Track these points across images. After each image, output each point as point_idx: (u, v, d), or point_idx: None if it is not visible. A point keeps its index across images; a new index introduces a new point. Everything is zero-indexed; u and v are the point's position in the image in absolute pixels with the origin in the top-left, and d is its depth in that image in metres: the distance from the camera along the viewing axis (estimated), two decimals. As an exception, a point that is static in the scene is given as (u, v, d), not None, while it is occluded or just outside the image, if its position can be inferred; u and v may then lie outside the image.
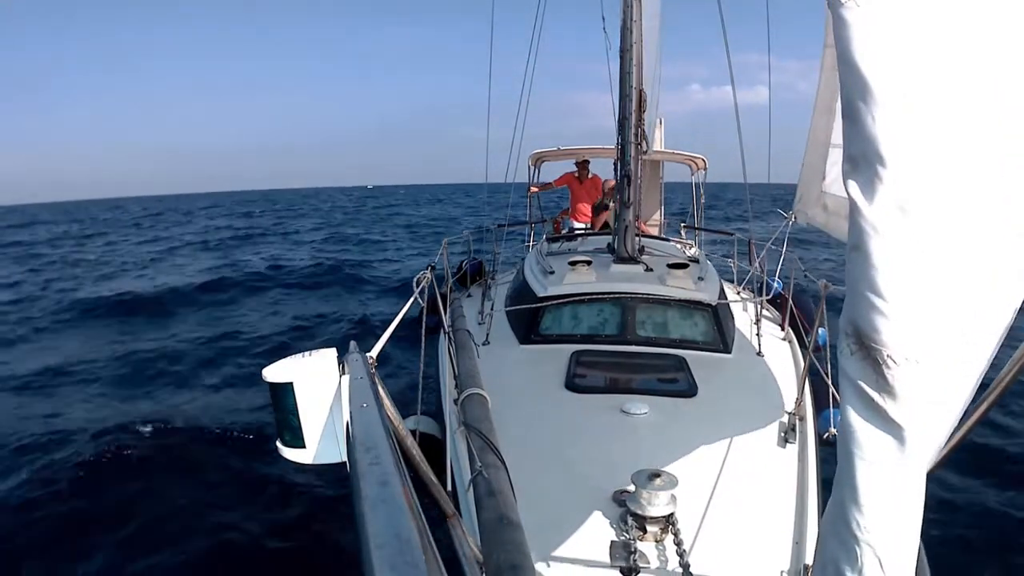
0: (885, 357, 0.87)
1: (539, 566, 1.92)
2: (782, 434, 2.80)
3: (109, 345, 8.79)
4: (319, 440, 1.37)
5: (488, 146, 6.00)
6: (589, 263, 4.44)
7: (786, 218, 4.93)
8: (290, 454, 1.40)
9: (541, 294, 4.14)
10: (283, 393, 1.36)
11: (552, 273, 4.43)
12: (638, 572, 1.93)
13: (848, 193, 0.86)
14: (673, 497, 2.07)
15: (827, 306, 3.28)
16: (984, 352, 0.87)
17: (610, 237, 5.06)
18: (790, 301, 4.48)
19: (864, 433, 0.90)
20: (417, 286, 2.86)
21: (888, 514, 0.93)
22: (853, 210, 0.86)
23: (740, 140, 4.91)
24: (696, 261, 5.10)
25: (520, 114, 5.65)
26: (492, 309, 4.37)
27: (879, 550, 0.93)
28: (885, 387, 0.87)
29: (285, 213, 45.50)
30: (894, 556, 0.93)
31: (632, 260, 4.63)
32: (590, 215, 7.44)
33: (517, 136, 5.75)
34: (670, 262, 4.53)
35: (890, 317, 0.85)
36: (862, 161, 0.84)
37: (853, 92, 0.83)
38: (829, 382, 3.21)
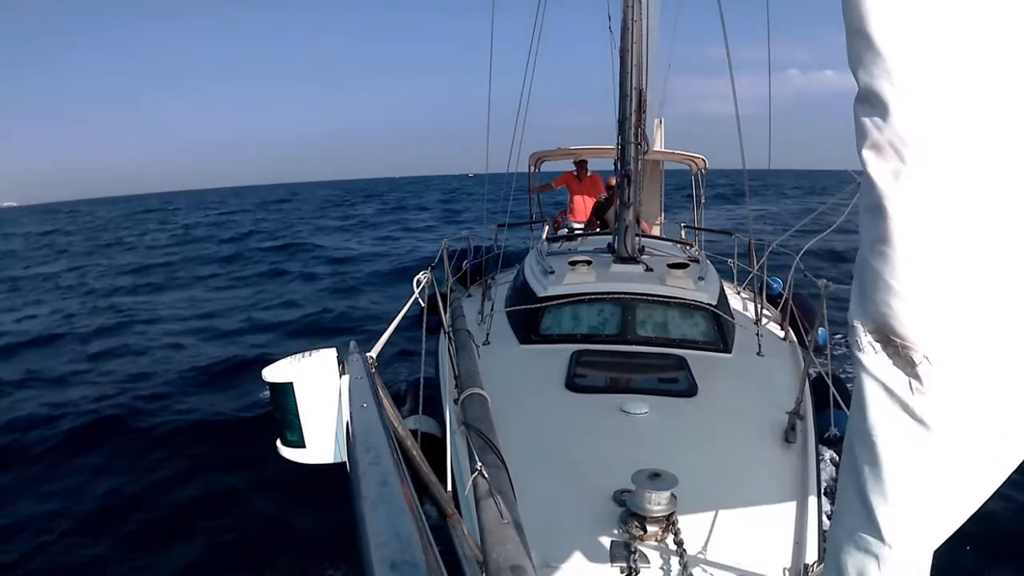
0: (922, 357, 0.80)
1: (539, 566, 1.92)
2: (782, 434, 2.80)
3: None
4: (319, 440, 1.37)
5: (488, 146, 5.99)
6: (589, 263, 4.43)
7: (857, 180, 4.74)
8: (290, 454, 1.40)
9: (541, 294, 4.14)
10: (283, 393, 1.35)
11: (552, 273, 4.43)
12: (638, 572, 1.93)
13: (875, 182, 0.79)
14: (673, 497, 2.06)
15: (827, 306, 3.27)
16: None
17: (610, 237, 5.06)
18: (790, 301, 4.48)
19: (894, 437, 0.84)
20: (417, 286, 2.85)
21: (916, 519, 0.87)
22: (881, 199, 0.79)
23: (739, 134, 4.91)
24: (696, 261, 5.10)
25: (520, 113, 5.64)
26: (492, 309, 4.37)
27: (907, 556, 0.88)
28: (919, 388, 0.81)
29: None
30: (916, 561, 0.89)
31: (632, 260, 4.63)
32: (588, 214, 7.44)
33: (517, 135, 5.73)
34: (670, 262, 4.53)
35: (927, 314, 0.79)
36: (888, 149, 0.77)
37: (873, 73, 0.75)
38: (829, 382, 3.21)
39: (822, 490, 2.45)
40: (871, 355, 0.84)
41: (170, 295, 13.49)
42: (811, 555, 2.08)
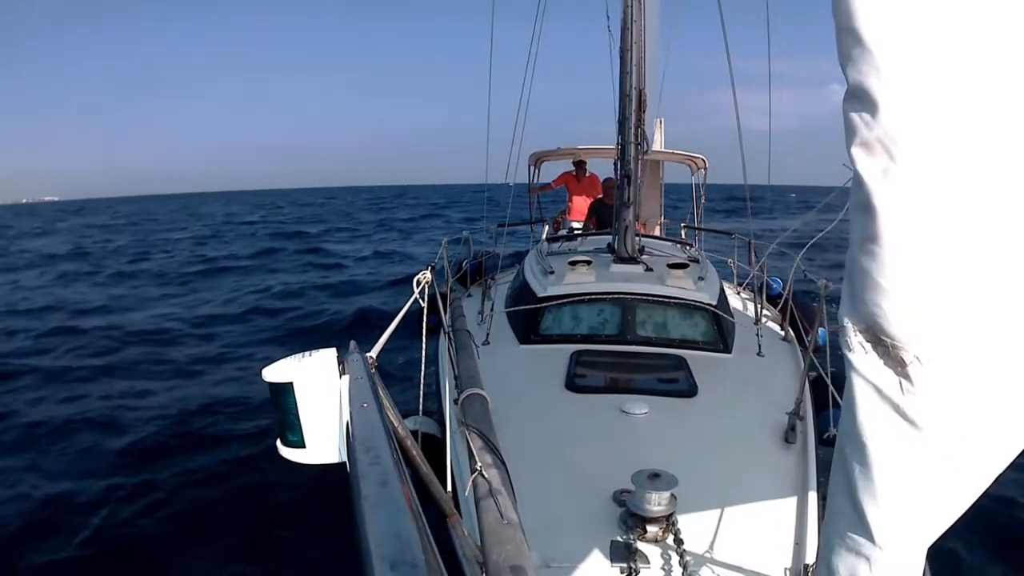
0: (912, 357, 0.80)
1: (539, 566, 1.92)
2: (782, 434, 2.80)
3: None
4: (319, 440, 1.37)
5: (488, 145, 6.00)
6: (589, 263, 4.43)
7: None
8: (290, 454, 1.40)
9: (541, 294, 4.14)
10: (283, 393, 1.36)
11: (552, 273, 4.43)
12: (638, 572, 1.93)
13: (864, 180, 0.78)
14: (673, 497, 2.06)
15: (827, 306, 3.27)
16: None
17: (610, 237, 5.07)
18: (790, 301, 4.48)
19: (885, 437, 0.83)
20: (417, 286, 2.85)
21: (907, 520, 0.86)
22: (870, 197, 0.78)
23: (740, 139, 4.92)
24: (696, 261, 5.10)
25: (520, 114, 5.64)
26: (492, 309, 4.37)
27: (898, 557, 0.88)
28: (910, 388, 0.81)
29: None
30: (907, 562, 0.89)
31: (632, 260, 4.63)
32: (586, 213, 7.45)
33: (517, 136, 5.73)
34: (670, 262, 4.52)
35: (918, 314, 0.79)
36: (877, 146, 0.76)
37: (862, 70, 0.74)
38: (829, 382, 3.21)
39: (822, 491, 2.45)
40: (861, 355, 0.84)
41: (240, 280, 14.55)
42: (811, 555, 2.08)
